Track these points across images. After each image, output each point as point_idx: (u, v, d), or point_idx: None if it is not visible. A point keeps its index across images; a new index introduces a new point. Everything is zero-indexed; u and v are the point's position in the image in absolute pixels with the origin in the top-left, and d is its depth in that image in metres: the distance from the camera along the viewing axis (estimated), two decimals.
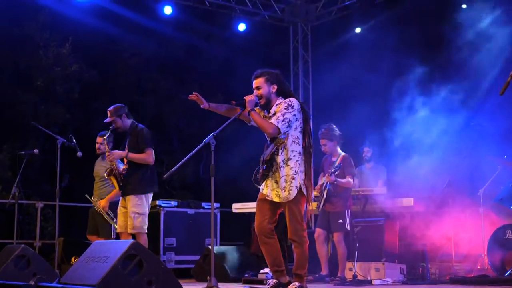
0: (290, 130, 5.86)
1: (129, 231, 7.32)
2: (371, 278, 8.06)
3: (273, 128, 5.79)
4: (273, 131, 5.80)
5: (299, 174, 5.83)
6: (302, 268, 5.88)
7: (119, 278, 4.84)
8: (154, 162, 7.49)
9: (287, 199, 5.79)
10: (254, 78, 6.08)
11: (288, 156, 5.84)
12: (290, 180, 5.80)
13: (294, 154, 5.86)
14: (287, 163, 5.83)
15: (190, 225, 10.37)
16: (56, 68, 12.46)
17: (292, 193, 5.79)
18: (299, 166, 5.84)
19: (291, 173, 5.81)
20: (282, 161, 5.85)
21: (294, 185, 5.79)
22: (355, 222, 8.59)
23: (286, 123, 5.81)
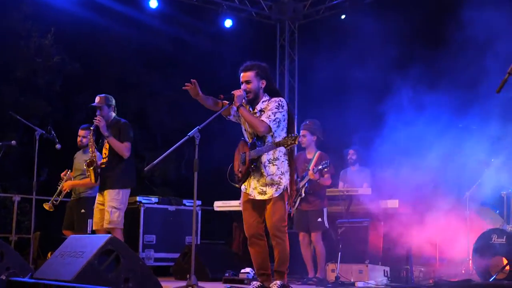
0: (278, 130, 5.70)
1: (105, 225, 7.13)
2: (353, 280, 7.90)
3: (265, 126, 5.63)
4: (265, 129, 5.64)
5: (285, 174, 5.72)
6: (284, 266, 5.75)
7: (95, 274, 4.67)
8: (130, 157, 7.34)
9: (272, 195, 5.64)
10: (243, 71, 5.90)
11: (276, 156, 5.72)
12: (278, 180, 5.68)
13: (281, 155, 5.75)
14: (274, 162, 5.71)
15: (170, 222, 10.17)
16: (38, 59, 12.19)
17: (278, 191, 5.69)
18: (284, 166, 5.74)
19: (278, 173, 5.70)
20: (268, 160, 5.71)
21: (282, 184, 5.70)
22: (338, 223, 8.44)
23: (277, 123, 5.68)
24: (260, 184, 5.69)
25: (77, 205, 8.36)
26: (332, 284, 7.61)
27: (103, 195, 7.28)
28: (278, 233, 5.69)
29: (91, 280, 4.58)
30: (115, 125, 7.34)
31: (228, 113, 5.94)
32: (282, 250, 5.70)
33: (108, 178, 7.24)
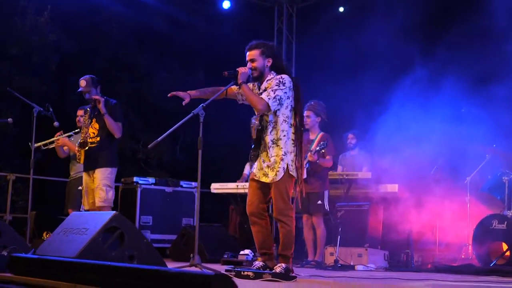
0: (281, 108, 5.59)
1: (98, 203, 7.05)
2: (353, 263, 7.85)
3: (263, 104, 5.52)
4: (263, 107, 5.53)
5: (288, 155, 5.60)
6: (289, 249, 5.65)
7: (99, 251, 4.58)
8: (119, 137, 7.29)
9: (273, 180, 5.56)
10: (249, 50, 5.78)
11: (278, 136, 5.60)
12: (279, 161, 5.57)
13: (284, 134, 5.62)
14: (277, 143, 5.60)
15: (167, 204, 10.09)
16: (33, 37, 11.99)
17: (279, 174, 5.57)
18: (288, 146, 5.60)
19: (281, 154, 5.58)
20: (271, 140, 5.61)
21: (281, 166, 5.57)
22: (338, 206, 8.39)
23: (277, 101, 5.55)
24: (265, 166, 5.60)
25: (75, 184, 8.32)
26: (332, 267, 7.54)
27: (91, 174, 7.19)
28: (281, 217, 5.60)
29: (95, 257, 4.49)
30: (105, 106, 7.25)
31: (235, 97, 5.83)
32: (286, 234, 5.61)
33: (100, 157, 7.17)
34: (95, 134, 7.24)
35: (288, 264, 5.60)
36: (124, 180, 10.11)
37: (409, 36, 10.68)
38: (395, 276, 6.37)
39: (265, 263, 5.70)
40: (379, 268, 7.76)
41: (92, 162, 7.22)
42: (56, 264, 4.29)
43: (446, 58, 9.17)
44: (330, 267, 7.59)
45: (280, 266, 5.55)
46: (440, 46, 9.61)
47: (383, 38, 11.26)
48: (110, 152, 7.21)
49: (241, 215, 10.48)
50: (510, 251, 7.48)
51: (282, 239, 5.63)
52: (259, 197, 5.72)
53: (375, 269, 7.68)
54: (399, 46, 10.58)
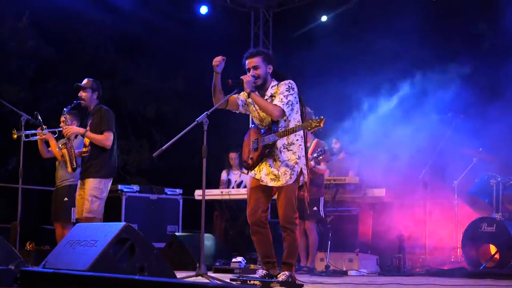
0: (292, 113, 5.57)
1: (85, 214, 6.90)
2: (345, 268, 7.88)
3: (279, 110, 5.48)
4: (279, 113, 5.48)
5: (302, 158, 5.58)
6: (293, 257, 5.63)
7: (110, 264, 4.51)
8: (112, 146, 7.12)
9: (287, 183, 5.50)
10: (250, 57, 5.72)
11: (291, 140, 5.56)
12: (293, 165, 5.52)
13: (297, 138, 5.58)
14: (289, 147, 5.55)
15: (152, 211, 9.96)
16: (11, 43, 11.76)
17: (293, 177, 5.52)
18: (301, 150, 5.59)
19: (294, 158, 5.54)
20: (283, 145, 5.55)
21: (296, 170, 5.53)
22: (327, 212, 8.40)
23: (290, 106, 5.52)
24: (274, 170, 5.54)
25: (60, 194, 8.13)
26: (325, 272, 7.56)
27: (83, 183, 7.09)
28: (288, 225, 5.56)
29: (106, 269, 4.42)
30: (97, 113, 7.15)
31: (235, 107, 5.77)
32: (292, 242, 5.58)
33: (90, 167, 7.02)
34: (88, 142, 7.12)
35: (291, 272, 5.58)
36: None
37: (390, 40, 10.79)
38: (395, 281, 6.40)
39: (268, 272, 5.66)
40: (371, 273, 7.81)
41: (83, 171, 7.11)
42: (68, 278, 4.22)
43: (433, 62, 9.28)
44: (323, 272, 7.61)
45: (284, 274, 5.53)
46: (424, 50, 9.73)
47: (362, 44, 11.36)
48: (101, 162, 7.01)
49: (225, 222, 10.44)
50: (499, 254, 7.58)
51: (287, 247, 5.59)
52: (263, 205, 5.66)
53: (367, 274, 7.73)
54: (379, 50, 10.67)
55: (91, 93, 7.16)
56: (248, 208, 5.69)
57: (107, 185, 7.11)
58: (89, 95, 7.15)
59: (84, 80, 7.20)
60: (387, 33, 10.56)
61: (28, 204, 12.48)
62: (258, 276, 5.60)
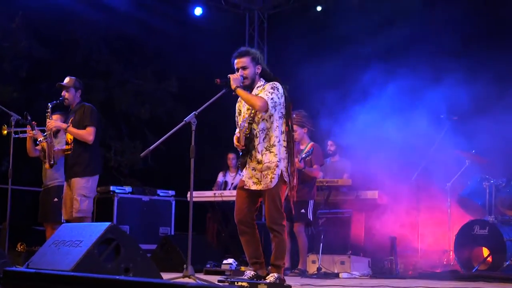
0: (274, 114, 5.53)
1: (75, 214, 6.88)
2: (337, 271, 7.82)
3: (263, 101, 5.44)
4: (263, 104, 5.43)
5: (282, 161, 5.53)
6: (281, 259, 5.58)
7: (95, 264, 4.46)
8: (95, 143, 7.12)
9: (267, 186, 5.48)
10: (238, 57, 5.70)
11: (272, 142, 5.53)
12: (274, 167, 5.48)
13: (278, 140, 5.55)
14: (270, 149, 5.52)
15: (144, 213, 9.93)
16: (4, 43, 11.70)
17: (274, 180, 5.48)
18: (281, 153, 5.54)
19: (275, 160, 5.50)
20: (265, 148, 5.53)
21: (277, 172, 5.49)
22: (319, 214, 8.36)
23: (273, 103, 5.49)
24: (256, 173, 5.52)
25: (49, 195, 8.08)
26: (316, 275, 7.51)
27: (69, 183, 7.04)
28: (274, 226, 5.52)
29: (90, 270, 4.37)
30: (79, 110, 7.14)
31: None
32: (279, 244, 5.54)
33: (75, 166, 7.00)
34: (71, 140, 7.08)
35: (280, 274, 5.54)
36: (99, 189, 9.89)
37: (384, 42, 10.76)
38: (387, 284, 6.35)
39: (256, 273, 5.61)
40: (363, 275, 7.76)
41: (68, 170, 7.07)
42: (52, 278, 4.16)
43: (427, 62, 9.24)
44: (314, 275, 7.56)
45: (273, 276, 5.48)
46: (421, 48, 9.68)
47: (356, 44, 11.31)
48: (86, 160, 7.00)
49: (218, 223, 10.40)
50: (491, 257, 7.55)
51: (275, 249, 5.55)
52: (248, 206, 5.63)
53: (360, 276, 7.68)
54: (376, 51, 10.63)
55: (74, 92, 7.18)
56: (235, 208, 5.66)
57: (95, 182, 7.07)
58: (72, 94, 7.18)
59: (66, 79, 7.20)
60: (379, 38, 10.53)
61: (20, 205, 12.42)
62: (246, 277, 5.56)
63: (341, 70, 11.21)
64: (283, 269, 5.64)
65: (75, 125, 7.05)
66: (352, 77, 10.57)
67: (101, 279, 3.92)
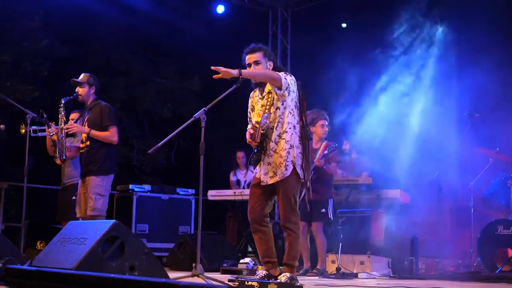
0: (287, 99, 5.37)
1: (89, 212, 6.82)
2: (356, 271, 7.68)
3: (277, 73, 5.29)
4: (278, 76, 5.28)
5: (295, 148, 5.34)
6: (294, 258, 5.44)
7: (98, 262, 4.38)
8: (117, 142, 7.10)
9: (283, 175, 5.30)
10: (250, 52, 5.56)
11: (284, 129, 5.35)
12: (285, 155, 5.31)
13: (290, 127, 5.35)
14: (282, 136, 5.34)
15: (163, 211, 9.89)
16: (25, 43, 11.75)
17: (288, 168, 5.29)
18: (294, 140, 5.35)
19: (287, 147, 5.31)
20: (278, 135, 5.36)
21: (289, 159, 5.30)
22: (339, 213, 8.21)
23: (286, 82, 5.30)
24: (272, 167, 5.36)
25: (67, 193, 8.10)
26: (334, 275, 7.36)
27: (84, 181, 6.99)
28: (289, 225, 5.37)
29: (94, 268, 4.29)
30: (94, 108, 7.08)
31: None
32: (293, 243, 5.38)
33: (90, 164, 6.93)
34: (85, 138, 7.03)
35: (293, 274, 5.40)
36: (119, 187, 9.90)
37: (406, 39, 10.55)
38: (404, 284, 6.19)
39: (268, 272, 5.48)
40: (382, 275, 7.59)
41: (83, 168, 7.01)
42: (54, 276, 4.10)
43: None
44: (332, 275, 7.42)
45: (285, 276, 5.34)
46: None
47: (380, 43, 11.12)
48: (102, 158, 6.93)
49: (238, 223, 10.30)
50: None
51: (288, 248, 5.41)
52: (262, 203, 5.49)
53: (379, 276, 7.52)
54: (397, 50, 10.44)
55: (88, 88, 7.11)
56: (248, 206, 5.53)
57: (110, 181, 7.01)
58: (86, 90, 7.11)
59: (81, 76, 7.15)
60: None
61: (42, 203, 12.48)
62: (258, 277, 5.44)
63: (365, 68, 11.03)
64: (296, 269, 5.51)
65: (91, 124, 6.99)
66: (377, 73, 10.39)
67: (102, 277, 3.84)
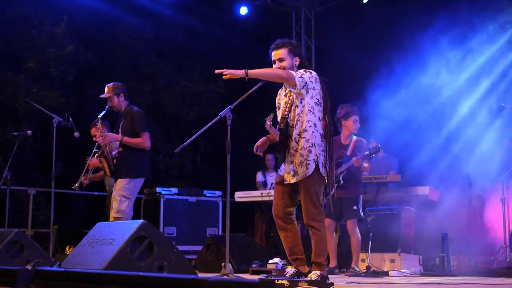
0: (306, 97, 5.30)
1: (113, 214, 6.82)
2: (386, 269, 7.57)
3: (287, 71, 5.23)
4: (288, 75, 5.21)
5: (316, 146, 5.25)
6: (322, 256, 5.36)
7: (127, 262, 4.36)
8: (150, 148, 7.11)
9: (305, 174, 5.23)
10: (275, 49, 5.51)
11: (304, 127, 5.27)
12: (307, 153, 5.23)
13: (310, 125, 5.26)
14: (302, 134, 5.26)
15: (191, 214, 9.87)
16: (50, 48, 11.83)
17: (310, 167, 5.21)
18: (315, 138, 5.26)
19: (307, 146, 5.23)
20: (298, 134, 5.29)
21: (311, 158, 5.21)
22: (368, 211, 8.11)
23: (303, 81, 5.22)
24: (293, 164, 5.30)
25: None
26: (365, 273, 7.27)
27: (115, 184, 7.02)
28: (312, 223, 5.29)
29: (123, 268, 4.28)
30: (127, 114, 7.12)
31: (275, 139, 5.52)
32: (319, 240, 5.30)
33: (123, 168, 6.98)
34: (119, 145, 7.07)
35: (323, 272, 5.33)
36: (146, 191, 9.91)
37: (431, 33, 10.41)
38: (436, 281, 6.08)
39: (297, 269, 5.41)
40: (413, 273, 7.48)
41: (115, 172, 7.06)
42: (83, 276, 4.09)
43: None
44: (363, 273, 7.33)
45: (315, 274, 5.28)
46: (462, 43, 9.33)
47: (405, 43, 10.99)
48: (132, 162, 6.97)
49: (267, 224, 10.24)
50: None
51: (314, 246, 5.32)
52: (285, 201, 5.41)
53: (410, 274, 7.41)
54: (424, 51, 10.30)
55: (117, 98, 7.15)
56: (273, 203, 5.47)
57: (138, 185, 7.01)
58: (116, 101, 7.17)
59: (105, 89, 7.21)
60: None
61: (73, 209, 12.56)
62: (287, 275, 5.38)
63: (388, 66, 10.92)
64: (325, 267, 5.43)
65: (125, 131, 7.06)
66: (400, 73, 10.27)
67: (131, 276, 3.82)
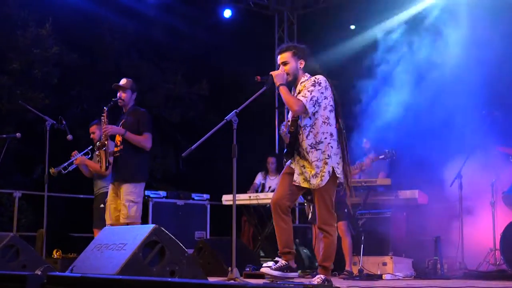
0: (319, 110, 5.35)
1: (123, 220, 6.74)
2: (379, 272, 7.63)
3: (300, 105, 5.28)
4: (299, 108, 5.29)
5: (333, 157, 5.33)
6: (329, 260, 5.41)
7: (140, 267, 4.33)
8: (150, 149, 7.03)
9: (318, 185, 5.29)
10: (280, 53, 5.58)
11: (318, 139, 5.32)
12: (322, 165, 5.29)
13: (326, 136, 5.33)
14: (317, 146, 5.32)
15: (179, 217, 9.86)
16: (35, 50, 11.68)
17: (324, 179, 5.28)
18: (332, 148, 5.34)
19: (323, 158, 5.30)
20: (310, 145, 5.33)
21: (326, 170, 5.29)
22: (359, 214, 8.18)
23: (314, 102, 5.31)
24: (306, 170, 5.33)
25: (97, 202, 8.14)
26: (359, 276, 7.32)
27: (117, 186, 6.90)
28: (325, 227, 5.34)
29: (135, 273, 4.25)
30: (132, 113, 7.01)
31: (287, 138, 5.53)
32: (329, 245, 5.36)
33: (125, 170, 6.85)
34: (120, 142, 6.95)
35: (328, 276, 5.37)
36: None
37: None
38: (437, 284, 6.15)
39: (287, 263, 5.42)
40: (406, 276, 7.56)
41: (117, 173, 6.91)
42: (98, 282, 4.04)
43: None
44: (357, 276, 7.38)
45: (320, 277, 5.32)
46: None
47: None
48: (135, 165, 6.87)
49: (254, 227, 10.26)
50: None
51: (324, 250, 5.37)
52: (290, 195, 5.43)
53: (403, 277, 7.48)
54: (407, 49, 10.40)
55: (131, 94, 7.06)
56: (276, 190, 5.50)
57: (142, 188, 6.95)
58: (128, 96, 7.05)
59: (123, 80, 7.06)
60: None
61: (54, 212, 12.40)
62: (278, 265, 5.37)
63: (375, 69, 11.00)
64: (330, 271, 5.47)
65: (128, 128, 6.91)
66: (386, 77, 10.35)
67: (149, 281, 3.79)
